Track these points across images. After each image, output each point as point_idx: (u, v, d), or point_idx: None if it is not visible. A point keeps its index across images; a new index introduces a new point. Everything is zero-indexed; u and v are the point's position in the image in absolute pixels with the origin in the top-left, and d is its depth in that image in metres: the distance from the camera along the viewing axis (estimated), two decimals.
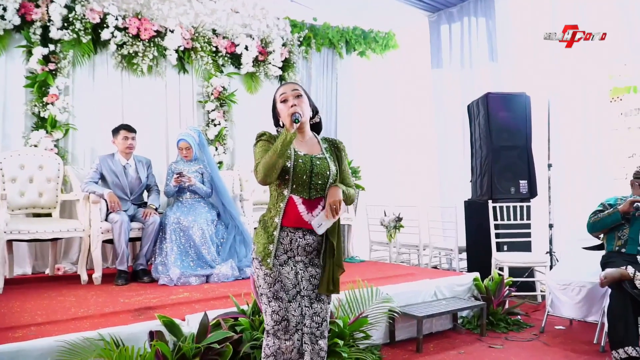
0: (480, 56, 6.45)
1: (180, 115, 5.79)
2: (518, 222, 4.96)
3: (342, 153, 2.25)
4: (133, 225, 4.33)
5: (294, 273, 2.12)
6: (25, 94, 4.87)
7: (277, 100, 2.17)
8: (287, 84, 2.21)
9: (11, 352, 2.39)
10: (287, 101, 2.12)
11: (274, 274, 2.08)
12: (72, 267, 4.90)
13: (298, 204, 2.09)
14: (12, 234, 3.96)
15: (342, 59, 7.23)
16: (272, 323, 2.09)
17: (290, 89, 2.15)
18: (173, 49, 5.55)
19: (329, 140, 2.27)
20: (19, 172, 4.46)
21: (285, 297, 2.08)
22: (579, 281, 3.83)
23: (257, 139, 2.17)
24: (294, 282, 2.11)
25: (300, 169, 2.08)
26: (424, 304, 3.94)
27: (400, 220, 5.83)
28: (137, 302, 3.37)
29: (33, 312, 3.10)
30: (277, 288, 2.08)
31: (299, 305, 2.11)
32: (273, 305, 2.08)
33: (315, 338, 2.12)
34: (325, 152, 2.19)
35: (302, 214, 2.08)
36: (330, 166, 2.14)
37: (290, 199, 2.09)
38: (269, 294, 2.09)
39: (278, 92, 2.18)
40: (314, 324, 2.12)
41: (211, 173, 4.62)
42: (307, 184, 2.09)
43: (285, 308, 2.08)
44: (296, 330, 2.10)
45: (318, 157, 2.15)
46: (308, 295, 2.12)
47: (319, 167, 2.11)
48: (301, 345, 2.11)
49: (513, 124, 5.31)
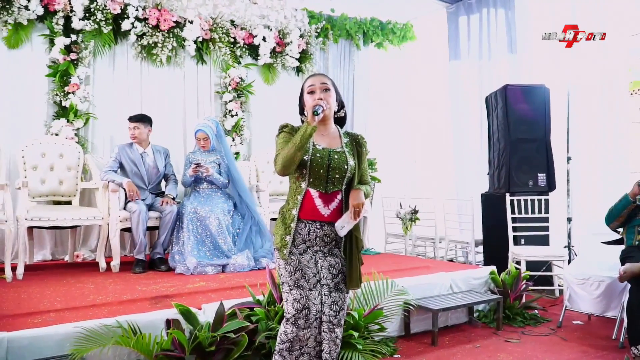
0: (499, 48, 6.37)
1: (198, 106, 5.82)
2: (536, 215, 4.90)
3: (363, 149, 2.25)
4: (151, 215, 4.37)
5: (314, 262, 2.14)
6: (47, 83, 4.95)
7: (305, 90, 2.18)
8: (317, 75, 2.21)
9: (30, 338, 2.44)
10: (314, 93, 2.13)
11: (294, 262, 2.09)
12: (90, 254, 4.98)
13: (315, 197, 2.10)
14: (33, 220, 4.03)
15: (360, 51, 7.19)
16: (294, 311, 2.09)
17: (319, 82, 2.16)
18: (192, 40, 5.57)
19: (351, 135, 2.27)
20: (40, 160, 4.53)
21: (306, 285, 2.10)
22: (598, 276, 3.78)
23: (280, 130, 2.18)
24: (314, 270, 2.13)
25: (317, 163, 2.09)
26: (440, 297, 3.92)
27: (416, 213, 5.81)
28: (154, 291, 3.41)
29: (52, 299, 3.16)
30: (298, 276, 2.09)
31: (319, 294, 2.12)
32: (295, 293, 2.09)
33: (333, 326, 2.13)
34: (345, 147, 2.19)
35: (319, 207, 2.10)
36: (348, 160, 2.15)
37: (307, 192, 2.11)
38: (290, 282, 2.10)
39: (307, 82, 2.19)
40: (332, 312, 2.13)
41: (228, 164, 4.64)
42: (324, 178, 2.10)
43: (307, 296, 2.09)
44: (315, 318, 2.11)
45: (336, 151, 2.15)
46: (327, 284, 2.14)
47: (337, 161, 2.12)
48: (319, 334, 2.12)
49: (532, 117, 5.24)
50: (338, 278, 2.16)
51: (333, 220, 2.13)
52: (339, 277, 2.16)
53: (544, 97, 5.28)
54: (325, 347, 2.12)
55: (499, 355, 3.32)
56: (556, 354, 3.36)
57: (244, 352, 2.71)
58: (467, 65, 6.80)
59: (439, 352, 3.40)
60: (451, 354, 3.37)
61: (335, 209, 2.14)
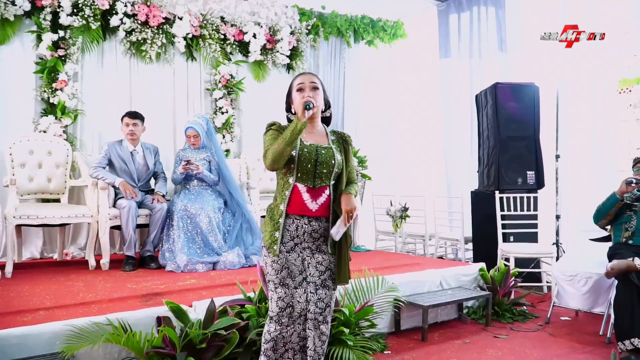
0: (490, 46, 6.40)
1: (188, 103, 5.79)
2: (525, 212, 4.94)
3: (349, 147, 2.29)
4: (140, 212, 4.35)
5: (301, 260, 2.15)
6: (35, 80, 4.90)
7: (294, 87, 2.20)
8: (306, 74, 2.24)
9: (20, 336, 2.42)
10: (302, 90, 2.15)
11: (281, 261, 2.11)
12: (80, 252, 4.95)
13: (302, 192, 2.12)
14: (22, 218, 3.99)
15: (350, 48, 7.19)
16: (277, 310, 2.12)
17: (309, 80, 2.18)
18: (181, 36, 5.54)
19: (337, 133, 2.30)
20: (28, 158, 4.49)
21: (291, 283, 2.12)
22: (586, 272, 3.82)
23: (268, 128, 2.20)
24: (300, 268, 2.14)
25: (305, 158, 2.10)
26: (430, 294, 3.95)
27: (406, 210, 5.84)
28: (145, 288, 3.40)
29: (42, 297, 3.14)
30: (284, 275, 2.11)
31: (305, 292, 2.13)
32: (279, 291, 2.11)
33: (318, 323, 2.15)
34: (332, 144, 2.22)
35: (307, 202, 2.12)
36: (335, 155, 2.17)
37: (295, 187, 2.12)
38: (276, 281, 2.12)
39: (296, 80, 2.21)
40: (318, 309, 2.14)
41: (218, 161, 4.63)
42: (312, 173, 2.12)
43: (291, 294, 2.12)
44: (299, 316, 2.13)
45: (323, 146, 2.17)
46: (314, 281, 2.15)
47: (324, 156, 2.14)
48: (303, 330, 2.14)
49: (521, 115, 5.27)
50: (325, 275, 2.17)
51: (321, 215, 2.15)
52: (326, 274, 2.17)
53: (534, 96, 5.32)
54: (310, 344, 2.14)
55: (488, 351, 3.35)
56: (544, 349, 3.40)
57: (235, 349, 2.70)
58: (457, 63, 6.83)
59: (429, 348, 3.43)
60: (441, 349, 3.40)
61: (323, 204, 2.15)
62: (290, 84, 2.25)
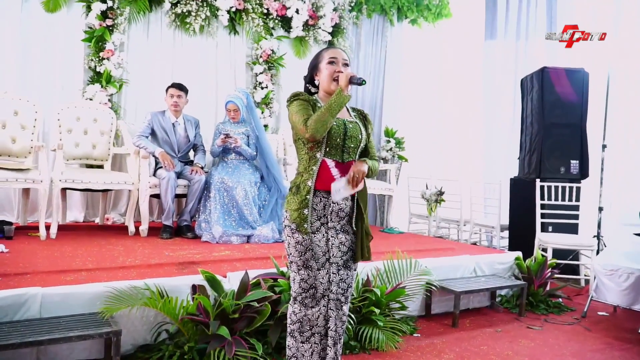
0: (538, 28, 6.17)
1: (229, 77, 5.81)
2: (566, 203, 4.81)
3: (369, 124, 2.26)
4: (179, 183, 4.43)
5: (325, 240, 2.12)
6: (83, 48, 5.01)
7: (325, 59, 2.16)
8: (338, 49, 2.22)
9: (63, 294, 2.53)
10: (334, 64, 2.13)
11: (306, 242, 2.08)
12: (120, 218, 5.10)
13: (331, 167, 2.09)
14: (67, 182, 4.12)
15: (393, 27, 7.04)
16: (300, 290, 2.12)
17: (342, 57, 2.16)
18: (225, 10, 5.55)
19: (357, 110, 2.29)
20: (75, 124, 4.62)
21: (315, 265, 2.10)
22: (628, 267, 3.71)
23: (294, 98, 2.14)
24: (324, 249, 2.12)
25: (334, 132, 2.07)
26: (463, 280, 3.91)
27: (441, 194, 5.77)
28: (181, 257, 3.48)
29: (84, 258, 3.26)
30: (308, 257, 2.09)
31: (327, 272, 2.13)
32: (302, 273, 2.11)
33: (341, 304, 2.15)
34: (355, 118, 2.21)
35: (335, 177, 2.07)
36: (361, 130, 2.16)
37: (323, 162, 2.09)
38: (299, 262, 2.10)
39: (328, 52, 2.18)
40: (340, 290, 2.15)
41: (258, 135, 4.65)
42: (341, 147, 2.10)
43: (314, 276, 2.11)
44: (323, 296, 2.13)
45: (350, 121, 2.16)
46: (336, 262, 2.13)
47: (352, 130, 2.12)
48: (327, 312, 2.14)
49: (568, 101, 5.09)
50: (347, 255, 2.16)
51: None
52: (348, 255, 2.16)
53: (583, 82, 5.12)
54: (332, 325, 2.14)
55: (520, 341, 3.31)
56: (579, 343, 3.33)
57: (266, 321, 2.75)
58: (502, 45, 6.63)
59: (460, 334, 3.41)
60: (471, 336, 3.37)
61: None
62: (316, 56, 2.22)
